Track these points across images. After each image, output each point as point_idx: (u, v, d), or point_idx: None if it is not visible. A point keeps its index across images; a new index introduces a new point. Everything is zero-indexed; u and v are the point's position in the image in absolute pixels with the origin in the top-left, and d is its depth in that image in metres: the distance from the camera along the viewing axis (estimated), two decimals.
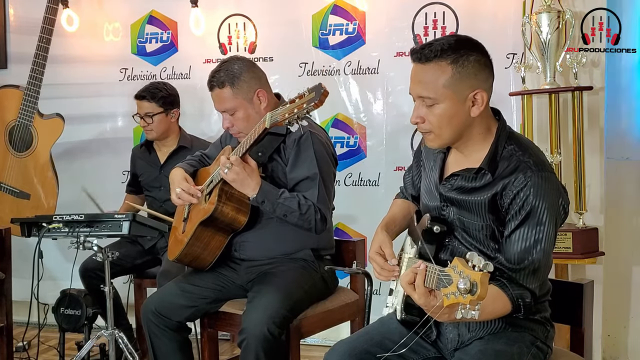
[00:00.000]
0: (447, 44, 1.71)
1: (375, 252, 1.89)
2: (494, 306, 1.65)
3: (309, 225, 2.44)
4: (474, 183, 1.77)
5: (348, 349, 1.88)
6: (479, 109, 1.72)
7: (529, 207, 1.68)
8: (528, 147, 1.77)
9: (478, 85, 1.72)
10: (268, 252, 2.54)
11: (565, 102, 3.04)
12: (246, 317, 2.32)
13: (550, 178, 1.71)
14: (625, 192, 3.36)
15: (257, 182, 2.40)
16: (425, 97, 1.73)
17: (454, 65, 1.69)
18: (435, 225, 1.78)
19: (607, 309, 3.21)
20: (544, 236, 1.69)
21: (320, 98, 2.08)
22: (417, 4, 3.51)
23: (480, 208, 1.75)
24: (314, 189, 2.45)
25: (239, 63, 2.53)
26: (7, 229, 2.90)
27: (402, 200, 2.15)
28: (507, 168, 1.72)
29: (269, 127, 2.26)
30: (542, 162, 1.74)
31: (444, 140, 1.77)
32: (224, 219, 2.46)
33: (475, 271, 1.36)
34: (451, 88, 1.70)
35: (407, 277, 1.60)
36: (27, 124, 3.68)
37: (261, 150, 2.48)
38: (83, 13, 4.02)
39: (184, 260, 2.57)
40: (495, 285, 1.68)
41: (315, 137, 2.50)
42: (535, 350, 1.79)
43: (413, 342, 1.80)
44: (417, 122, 1.77)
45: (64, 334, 3.28)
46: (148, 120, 3.37)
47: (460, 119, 1.73)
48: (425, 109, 1.74)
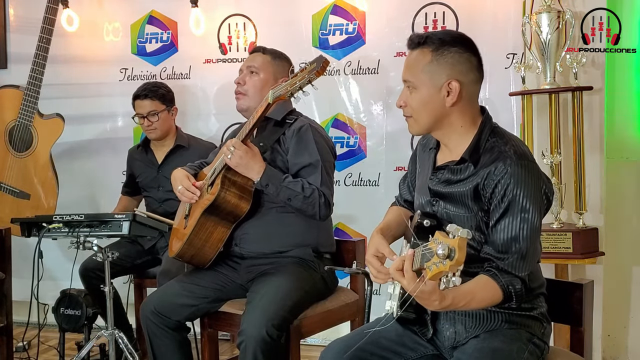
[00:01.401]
0: (438, 35, 1.82)
1: (372, 255, 1.89)
2: (484, 293, 1.67)
3: (312, 209, 2.45)
4: (459, 175, 1.82)
5: (344, 347, 1.89)
6: (452, 99, 1.79)
7: (510, 196, 1.71)
8: (510, 139, 1.81)
9: (453, 75, 1.78)
10: (269, 245, 2.54)
11: (565, 102, 3.04)
12: (245, 319, 2.32)
13: (530, 166, 1.75)
14: (625, 192, 3.36)
15: (261, 166, 2.43)
16: (407, 80, 1.82)
17: (434, 52, 1.79)
18: (425, 219, 1.81)
19: (607, 309, 3.20)
20: (528, 224, 1.72)
21: (322, 65, 2.14)
22: (417, 4, 3.51)
23: (464, 198, 1.79)
24: (316, 175, 2.48)
25: (285, 55, 2.74)
26: (7, 229, 2.90)
27: (396, 208, 2.17)
28: (489, 157, 1.77)
29: (272, 102, 2.29)
30: (522, 152, 1.78)
31: (421, 126, 1.84)
32: (226, 206, 2.46)
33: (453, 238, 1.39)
34: (428, 74, 1.79)
35: (395, 263, 1.61)
36: (27, 124, 3.68)
37: (262, 141, 2.50)
38: (83, 13, 4.02)
39: (185, 256, 2.56)
40: (484, 274, 1.71)
41: (314, 130, 2.55)
42: (532, 347, 1.79)
43: (409, 340, 1.83)
44: (401, 105, 1.86)
45: (64, 334, 3.28)
46: (153, 119, 3.37)
47: (435, 106, 1.80)
48: (408, 94, 1.83)
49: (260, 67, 2.64)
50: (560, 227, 2.94)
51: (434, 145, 1.95)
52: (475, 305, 1.69)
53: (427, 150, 1.99)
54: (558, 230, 2.91)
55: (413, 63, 1.81)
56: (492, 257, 1.73)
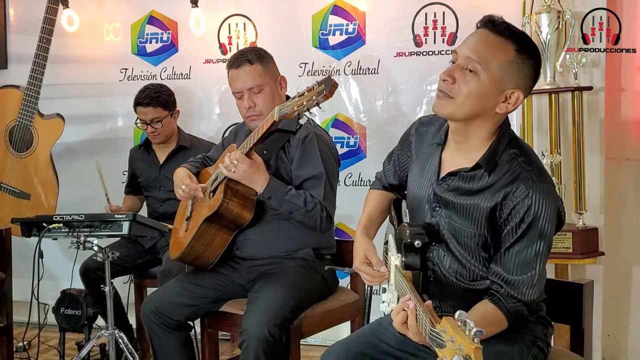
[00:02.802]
0: (525, 36, 1.68)
1: (362, 262, 1.87)
2: (490, 328, 1.61)
3: (314, 223, 2.45)
4: (471, 184, 1.71)
5: (343, 350, 1.88)
6: (507, 108, 1.67)
7: (531, 219, 1.63)
8: (530, 155, 1.72)
9: (521, 86, 1.66)
10: (270, 250, 2.54)
11: (565, 102, 3.04)
12: (247, 318, 2.32)
13: (551, 189, 1.67)
14: (625, 192, 3.36)
15: (265, 178, 2.41)
16: (474, 60, 1.63)
17: (517, 53, 1.64)
18: (417, 240, 1.71)
19: (607, 309, 3.21)
20: (545, 248, 1.65)
21: (330, 89, 2.04)
22: (417, 4, 3.51)
23: (477, 214, 1.69)
24: (319, 188, 2.46)
25: (262, 50, 2.60)
26: (7, 229, 2.90)
27: (378, 193, 2.09)
28: (508, 175, 1.67)
29: (277, 120, 2.23)
30: (543, 172, 1.69)
31: (457, 113, 1.67)
32: (228, 215, 2.46)
33: (467, 342, 1.29)
34: (502, 72, 1.63)
35: (398, 317, 1.52)
36: (28, 124, 3.68)
37: (266, 148, 2.48)
38: (83, 13, 4.02)
39: (186, 259, 2.57)
40: (489, 300, 1.66)
41: (320, 138, 2.52)
42: (536, 351, 1.78)
43: (410, 345, 1.78)
44: (446, 79, 1.66)
45: (64, 334, 3.28)
46: (157, 126, 3.36)
47: (486, 104, 1.66)
48: (461, 73, 1.65)
49: (260, 83, 2.52)
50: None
51: (440, 140, 1.82)
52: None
53: (429, 143, 1.86)
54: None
55: (492, 50, 1.63)
56: (502, 282, 1.67)
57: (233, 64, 2.55)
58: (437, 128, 1.86)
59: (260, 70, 2.53)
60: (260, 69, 2.53)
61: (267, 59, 2.58)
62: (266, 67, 2.55)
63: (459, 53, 1.67)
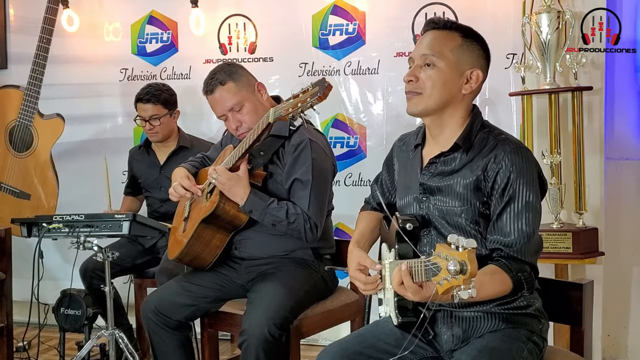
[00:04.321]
0: (464, 25, 1.85)
1: (355, 269, 1.90)
2: (493, 284, 1.67)
3: (298, 234, 2.45)
4: (452, 165, 1.81)
5: (340, 350, 1.88)
6: (471, 87, 1.81)
7: (514, 186, 1.73)
8: (502, 131, 1.85)
9: (477, 65, 1.82)
10: (268, 250, 2.54)
11: (565, 102, 3.04)
12: (247, 318, 2.32)
13: (529, 154, 1.78)
14: (625, 192, 3.36)
15: (245, 192, 2.40)
16: (429, 54, 1.79)
17: (463, 39, 1.81)
18: (408, 223, 1.79)
19: (607, 309, 3.21)
20: (531, 209, 1.74)
21: (324, 91, 2.09)
22: (417, 4, 3.51)
23: (463, 190, 1.78)
24: (304, 197, 2.44)
25: (230, 64, 2.59)
26: (7, 229, 2.90)
27: (367, 213, 2.18)
28: (486, 148, 1.78)
29: (272, 121, 2.26)
30: (518, 141, 1.81)
31: (429, 105, 1.80)
32: (225, 216, 2.46)
33: (460, 251, 1.37)
34: (456, 56, 1.79)
35: (395, 278, 1.60)
36: (28, 124, 3.68)
37: (263, 149, 2.48)
38: (83, 13, 4.02)
39: (185, 259, 2.57)
40: (493, 264, 1.71)
41: (314, 145, 2.48)
42: (531, 346, 1.79)
43: (411, 344, 1.79)
44: (410, 80, 1.81)
45: (64, 334, 3.28)
46: (155, 123, 3.36)
47: (452, 89, 1.80)
48: (423, 71, 1.80)
49: (238, 100, 2.50)
50: (560, 227, 2.94)
51: (418, 141, 1.94)
52: (486, 296, 1.68)
53: (408, 150, 1.99)
54: (558, 231, 2.91)
55: (441, 41, 1.81)
56: (501, 246, 1.74)
57: (207, 90, 2.54)
58: (414, 135, 1.99)
59: (234, 88, 2.50)
60: (234, 86, 2.50)
61: (238, 73, 2.54)
62: (239, 82, 2.52)
63: (414, 56, 1.84)
